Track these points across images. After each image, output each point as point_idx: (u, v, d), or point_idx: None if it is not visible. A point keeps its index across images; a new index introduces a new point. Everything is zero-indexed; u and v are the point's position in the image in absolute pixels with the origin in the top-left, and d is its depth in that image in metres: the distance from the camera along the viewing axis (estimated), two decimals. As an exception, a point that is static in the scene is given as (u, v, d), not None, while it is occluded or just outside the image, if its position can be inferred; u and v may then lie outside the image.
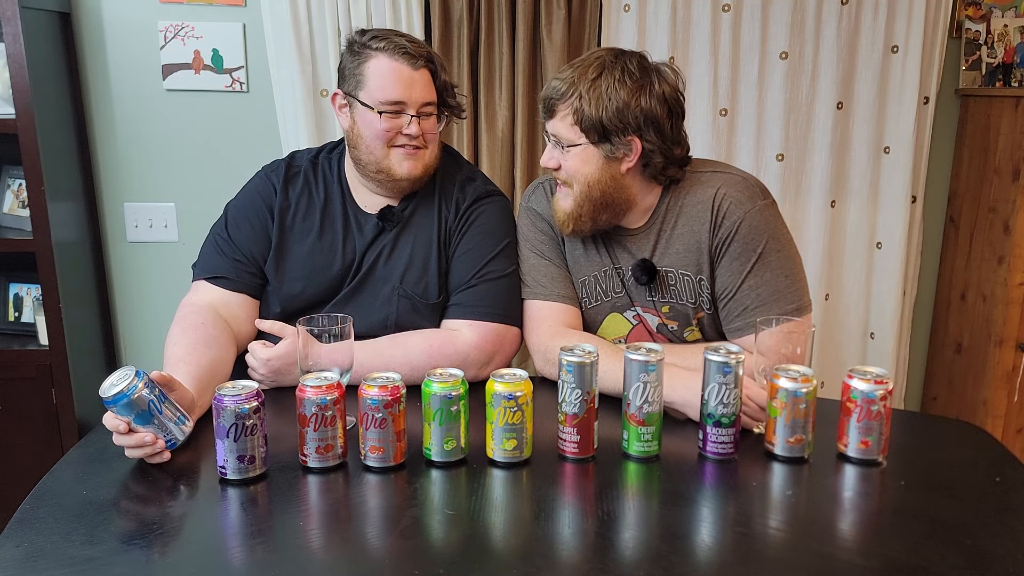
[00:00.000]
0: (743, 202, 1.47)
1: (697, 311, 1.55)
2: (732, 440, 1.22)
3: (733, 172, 1.54)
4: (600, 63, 1.45)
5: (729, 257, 1.48)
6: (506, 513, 1.10)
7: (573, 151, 1.47)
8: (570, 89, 1.44)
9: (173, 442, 1.20)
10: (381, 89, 1.49)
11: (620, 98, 1.42)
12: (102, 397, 1.14)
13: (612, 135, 1.44)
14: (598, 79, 1.43)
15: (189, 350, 1.38)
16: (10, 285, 2.36)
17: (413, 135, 1.51)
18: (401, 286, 1.56)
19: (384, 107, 1.49)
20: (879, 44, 2.46)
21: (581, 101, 1.43)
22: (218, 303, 1.53)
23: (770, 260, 1.47)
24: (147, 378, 1.16)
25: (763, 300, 1.47)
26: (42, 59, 2.17)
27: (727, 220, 1.47)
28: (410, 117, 1.50)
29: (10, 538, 1.00)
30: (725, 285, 1.50)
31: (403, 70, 1.49)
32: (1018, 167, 2.33)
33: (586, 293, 1.60)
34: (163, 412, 1.17)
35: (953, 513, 1.08)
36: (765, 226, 1.48)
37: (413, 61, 1.49)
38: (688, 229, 1.51)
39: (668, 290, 1.54)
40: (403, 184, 1.55)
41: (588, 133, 1.45)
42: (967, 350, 2.58)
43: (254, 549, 1.01)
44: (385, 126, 1.50)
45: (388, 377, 1.19)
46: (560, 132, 1.48)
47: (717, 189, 1.49)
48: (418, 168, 1.54)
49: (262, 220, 1.58)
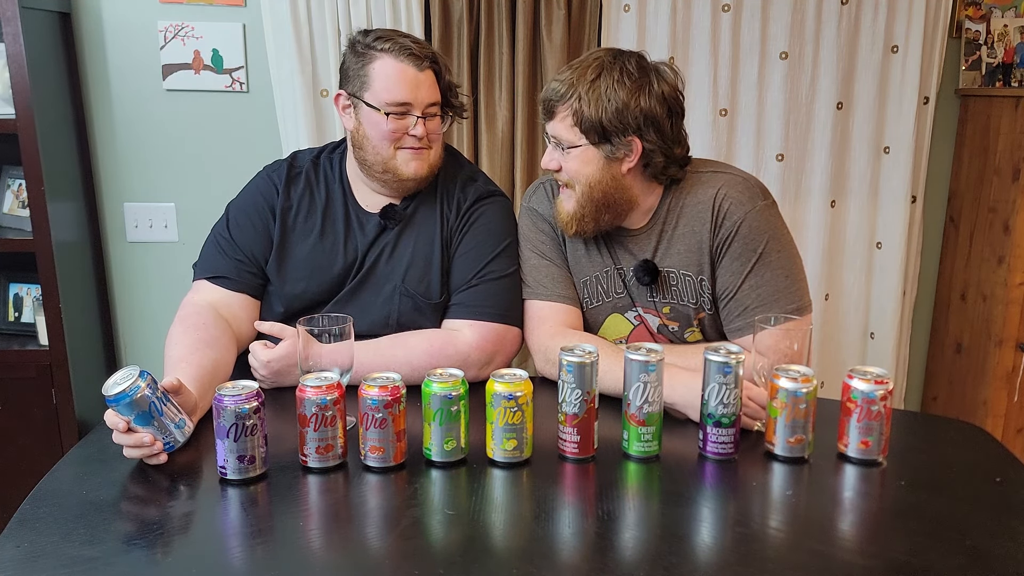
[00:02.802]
0: (744, 202, 1.47)
1: (698, 311, 1.55)
2: (732, 440, 1.23)
3: (734, 172, 1.54)
4: (599, 64, 1.44)
5: (730, 257, 1.48)
6: (506, 513, 1.10)
7: (573, 152, 1.47)
8: (569, 90, 1.44)
9: (172, 444, 1.20)
10: (387, 91, 1.49)
11: (619, 99, 1.42)
12: (104, 395, 1.14)
13: (612, 136, 1.44)
14: (597, 80, 1.43)
15: (190, 350, 1.38)
16: (10, 285, 2.36)
17: (419, 136, 1.51)
18: (403, 285, 1.56)
19: (391, 108, 1.49)
20: (879, 44, 2.46)
21: (580, 102, 1.43)
22: (219, 303, 1.53)
23: (771, 260, 1.47)
24: (150, 379, 1.16)
25: (763, 300, 1.47)
26: (42, 59, 2.17)
27: (728, 220, 1.47)
28: (416, 118, 1.50)
29: (10, 538, 1.00)
30: (725, 285, 1.50)
31: (408, 71, 1.49)
32: (1018, 167, 2.33)
33: (587, 293, 1.60)
34: (164, 414, 1.17)
35: (953, 513, 1.08)
36: (766, 226, 1.48)
37: (419, 62, 1.49)
38: (689, 229, 1.51)
39: (669, 291, 1.54)
40: (409, 184, 1.56)
41: (588, 134, 1.45)
42: (967, 350, 2.58)
43: (254, 549, 1.01)
44: (392, 127, 1.50)
45: (388, 377, 1.19)
46: (560, 134, 1.48)
47: (718, 189, 1.49)
48: (424, 168, 1.54)
49: (264, 220, 1.58)
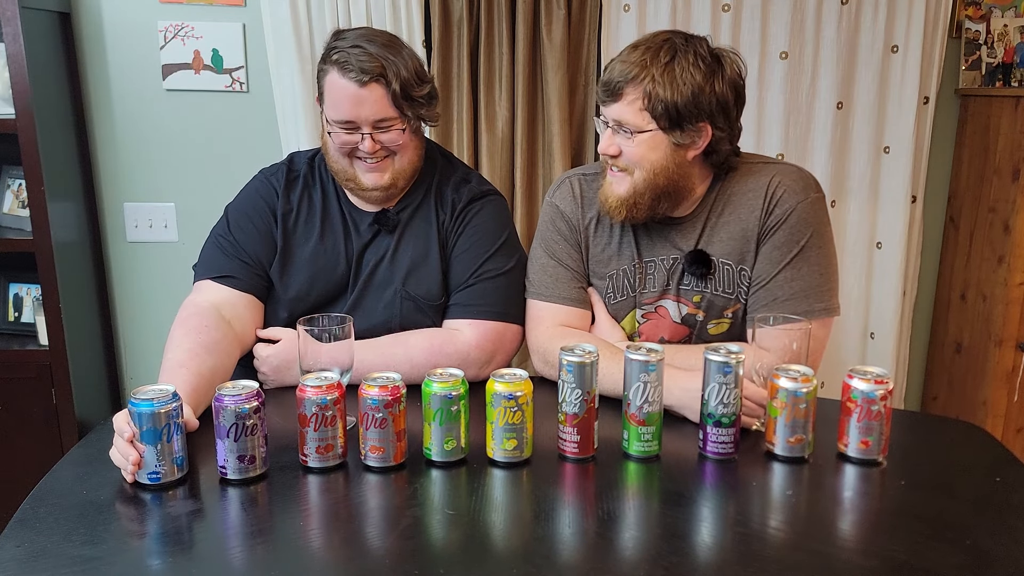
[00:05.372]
0: (797, 192, 1.46)
1: (734, 303, 1.52)
2: (732, 440, 1.22)
3: (787, 163, 1.53)
4: (671, 46, 1.39)
5: (771, 245, 1.47)
6: (506, 513, 1.10)
7: (640, 137, 1.41)
8: (642, 72, 1.38)
9: (160, 477, 1.13)
10: (332, 108, 1.48)
11: (695, 82, 1.37)
12: (132, 396, 1.12)
13: (685, 121, 1.39)
14: (672, 63, 1.38)
15: (190, 355, 1.36)
16: (10, 285, 2.36)
17: (369, 151, 1.48)
18: (404, 289, 1.56)
19: (336, 127, 1.48)
20: (879, 44, 2.46)
21: (654, 84, 1.37)
22: (223, 303, 1.50)
23: (810, 255, 1.46)
24: (179, 405, 1.14)
25: (795, 294, 1.45)
26: (42, 59, 2.17)
27: (779, 208, 1.46)
28: (362, 135, 1.47)
29: (10, 538, 1.00)
30: (760, 272, 1.48)
31: (349, 88, 1.44)
32: (1018, 167, 2.33)
33: (612, 288, 1.57)
34: (171, 442, 1.13)
35: (953, 513, 1.08)
36: (813, 219, 1.47)
37: (361, 77, 1.43)
38: (735, 217, 1.49)
39: (708, 279, 1.52)
40: (374, 194, 1.54)
41: (659, 119, 1.39)
42: (967, 350, 2.58)
43: (254, 549, 1.01)
44: (339, 141, 1.49)
45: (388, 377, 1.19)
46: (626, 117, 1.41)
47: (772, 177, 1.48)
48: (384, 179, 1.52)
49: (266, 222, 1.57)
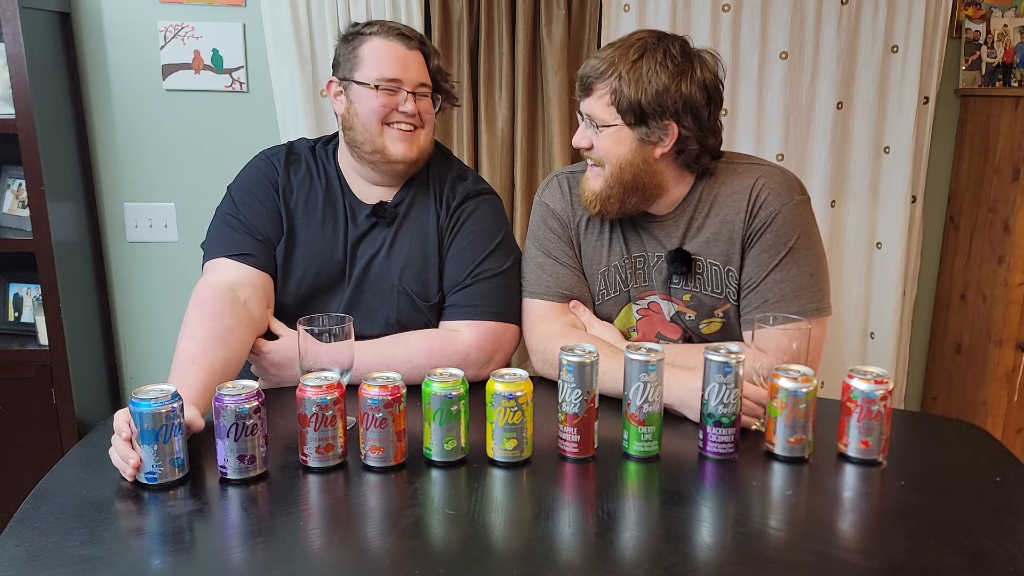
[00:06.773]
0: (781, 194, 1.46)
1: (723, 303, 1.53)
2: (732, 440, 1.22)
3: (771, 165, 1.53)
4: (642, 44, 1.42)
5: (759, 248, 1.47)
6: (506, 513, 1.10)
7: (607, 132, 1.45)
8: (609, 69, 1.41)
9: (157, 477, 1.12)
10: (376, 67, 1.50)
11: (660, 81, 1.40)
12: (132, 395, 1.12)
13: (649, 118, 1.42)
14: (639, 60, 1.40)
15: (203, 348, 1.33)
16: (10, 285, 2.36)
17: (409, 112, 1.51)
18: (400, 283, 1.56)
19: (380, 82, 1.50)
20: (879, 44, 2.46)
21: (620, 81, 1.40)
22: (239, 283, 1.47)
23: (798, 256, 1.46)
24: (179, 406, 1.13)
25: (785, 295, 1.46)
26: (42, 59, 2.17)
27: (763, 211, 1.46)
28: (406, 94, 1.51)
29: (10, 538, 1.00)
30: (750, 275, 1.49)
31: (398, 49, 1.51)
32: (1018, 167, 2.33)
33: (604, 284, 1.58)
34: (170, 442, 1.13)
35: (953, 513, 1.08)
36: (799, 221, 1.47)
37: (407, 41, 1.52)
38: (721, 218, 1.49)
39: (694, 279, 1.53)
40: (398, 167, 1.55)
41: (624, 115, 1.42)
42: (967, 350, 2.58)
43: (254, 549, 1.00)
44: (381, 101, 1.50)
45: (388, 377, 1.19)
46: (595, 112, 1.45)
47: (756, 179, 1.48)
48: (412, 151, 1.54)
49: (271, 199, 1.57)
